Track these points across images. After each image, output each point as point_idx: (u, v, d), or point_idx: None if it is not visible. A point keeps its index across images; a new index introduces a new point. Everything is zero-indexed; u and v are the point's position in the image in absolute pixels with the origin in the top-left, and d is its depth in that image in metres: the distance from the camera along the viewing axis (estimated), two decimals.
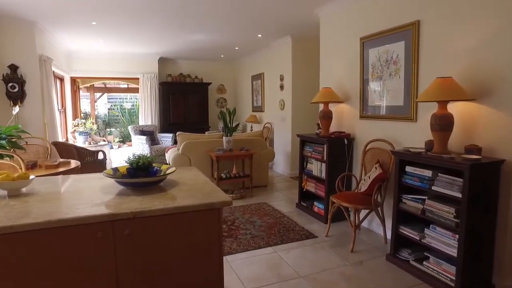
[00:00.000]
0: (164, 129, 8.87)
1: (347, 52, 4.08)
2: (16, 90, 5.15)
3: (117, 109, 14.17)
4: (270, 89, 7.69)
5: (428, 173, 2.58)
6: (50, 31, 5.76)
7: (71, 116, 7.91)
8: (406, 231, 2.84)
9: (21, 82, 5.20)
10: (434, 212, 2.55)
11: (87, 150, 5.49)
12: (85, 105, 13.54)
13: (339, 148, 3.94)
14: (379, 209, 3.31)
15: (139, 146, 7.81)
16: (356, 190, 3.61)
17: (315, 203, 4.23)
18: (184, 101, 8.99)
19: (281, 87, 6.78)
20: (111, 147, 11.85)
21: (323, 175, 4.01)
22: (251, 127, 8.57)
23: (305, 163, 4.46)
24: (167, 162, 5.50)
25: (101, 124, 13.41)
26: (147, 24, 5.53)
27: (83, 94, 13.31)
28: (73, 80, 8.10)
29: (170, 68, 9.14)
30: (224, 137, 5.16)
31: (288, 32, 6.03)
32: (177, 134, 5.47)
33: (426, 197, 2.63)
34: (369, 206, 3.20)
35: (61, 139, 7.16)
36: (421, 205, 2.67)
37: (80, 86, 9.55)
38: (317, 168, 4.15)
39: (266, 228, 3.84)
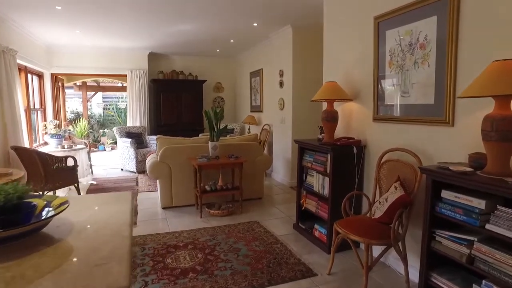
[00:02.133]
0: (154, 131, 8.10)
1: (358, 36, 3.24)
2: None
3: (113, 108, 13.49)
4: (269, 86, 6.87)
5: (479, 203, 1.73)
6: (12, 18, 5.01)
7: (52, 116, 7.18)
8: (443, 282, 1.99)
9: None
10: (491, 264, 1.70)
11: (52, 156, 4.72)
12: (77, 104, 12.89)
13: (347, 159, 3.09)
14: (399, 243, 2.46)
15: (124, 150, 7.05)
16: (368, 215, 2.77)
17: (316, 225, 3.39)
18: (176, 100, 8.22)
19: (281, 83, 5.95)
20: (104, 149, 11.19)
21: (326, 192, 3.17)
22: (249, 129, 7.75)
23: (304, 175, 3.62)
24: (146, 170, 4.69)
25: (96, 125, 12.76)
26: (118, 13, 4.77)
27: (75, 93, 12.68)
28: (54, 77, 7.37)
29: (162, 64, 8.37)
30: (209, 142, 4.35)
31: (287, 20, 5.20)
32: (156, 138, 4.67)
33: (476, 239, 1.78)
34: (387, 241, 2.35)
35: (37, 142, 6.44)
36: (467, 250, 1.82)
37: (65, 84, 8.85)
38: (318, 182, 3.31)
39: (252, 260, 3.01)
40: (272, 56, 6.34)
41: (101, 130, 12.26)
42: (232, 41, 6.86)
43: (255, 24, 5.46)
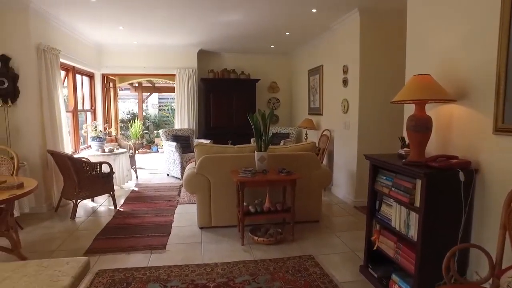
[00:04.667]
0: (202, 134, 7.59)
1: (465, 5, 2.21)
2: (5, 86, 4.18)
3: (168, 109, 13.45)
4: (330, 85, 5.92)
5: None
6: (55, 16, 4.74)
7: (101, 118, 7.01)
8: None
9: (12, 77, 4.22)
10: None
11: (86, 162, 4.33)
12: (133, 105, 13.05)
13: (447, 188, 2.10)
14: None
15: (169, 154, 6.60)
16: (488, 285, 1.76)
17: (395, 276, 2.42)
18: (227, 101, 7.62)
19: (344, 82, 4.98)
20: (157, 151, 11.06)
21: (412, 233, 2.20)
22: (306, 134, 6.85)
23: (378, 203, 2.67)
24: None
25: (151, 126, 12.80)
26: (156, 2, 4.22)
27: (131, 94, 12.84)
28: (105, 78, 7.20)
29: (212, 63, 7.84)
30: (256, 153, 3.57)
31: (354, 2, 4.24)
32: (194, 145, 4.02)
33: None
34: None
35: (85, 144, 6.24)
36: None
37: (120, 85, 8.77)
38: (400, 217, 2.35)
39: None
40: (334, 49, 5.38)
41: (155, 131, 12.22)
42: (287, 34, 6.03)
43: (314, 10, 4.57)
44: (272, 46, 7.19)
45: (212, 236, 3.66)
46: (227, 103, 7.60)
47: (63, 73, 5.45)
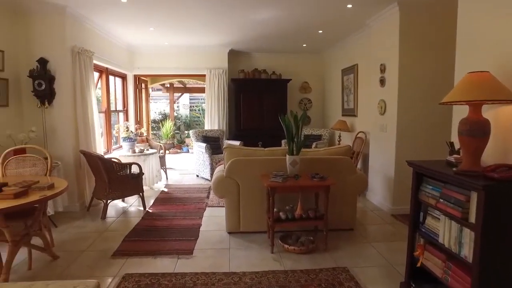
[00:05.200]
0: (233, 136, 7.50)
1: None
2: (43, 88, 4.27)
3: (198, 110, 13.55)
4: (366, 85, 5.63)
5: None
6: (89, 18, 4.81)
7: (133, 118, 7.11)
8: None
9: (49, 79, 4.31)
10: None
11: (116, 163, 4.34)
12: (164, 105, 13.25)
13: (510, 204, 1.82)
14: None
15: (199, 155, 6.56)
16: None
17: None
18: (258, 101, 7.49)
19: (382, 81, 4.68)
20: (187, 151, 11.13)
21: (466, 252, 1.93)
22: (339, 136, 6.57)
23: (422, 214, 2.41)
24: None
25: (182, 126, 12.94)
26: (189, 3, 4.15)
27: (163, 94, 13.04)
28: (137, 79, 7.30)
29: (243, 63, 7.74)
30: (287, 156, 3.39)
31: None
32: (223, 147, 3.91)
33: None
34: None
35: (117, 145, 6.34)
36: None
37: (152, 86, 8.89)
38: (450, 232, 2.09)
39: None
40: (371, 47, 5.09)
41: (186, 132, 12.34)
42: (320, 32, 5.80)
43: (349, 6, 4.33)
44: (304, 45, 6.98)
45: (241, 242, 3.52)
46: (258, 103, 7.47)
47: (96, 74, 5.55)
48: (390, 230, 3.88)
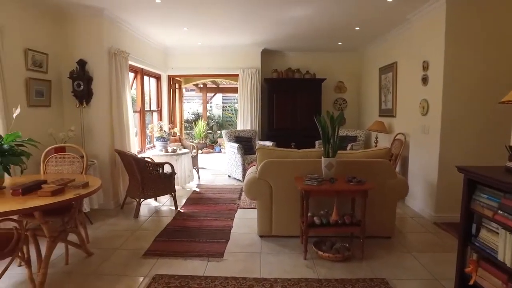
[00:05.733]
0: (265, 136, 7.41)
1: None
2: (81, 88, 4.40)
3: (231, 110, 13.59)
4: (406, 84, 5.33)
5: None
6: (124, 20, 4.89)
7: (167, 118, 7.21)
8: None
9: (87, 79, 4.43)
10: None
11: (149, 162, 4.38)
12: (197, 105, 13.40)
13: None
14: None
15: (231, 156, 6.52)
16: None
17: None
18: (291, 101, 7.35)
19: (424, 80, 4.39)
20: (219, 151, 11.18)
21: None
22: (376, 138, 6.28)
23: (475, 226, 2.18)
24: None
25: (215, 126, 13.04)
26: (222, 2, 4.10)
27: (196, 94, 13.19)
28: (171, 79, 7.39)
29: (276, 62, 7.62)
30: (323, 158, 3.24)
31: None
32: (256, 148, 3.81)
33: None
34: None
35: (151, 144, 6.44)
36: None
37: (185, 86, 9.00)
38: (510, 248, 1.86)
39: None
40: (412, 44, 4.79)
41: (218, 132, 12.41)
42: (357, 28, 5.56)
43: (389, 0, 4.08)
44: (340, 43, 6.74)
45: (273, 246, 3.41)
46: (291, 104, 7.33)
47: (132, 75, 5.65)
48: (433, 239, 3.60)
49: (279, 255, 3.23)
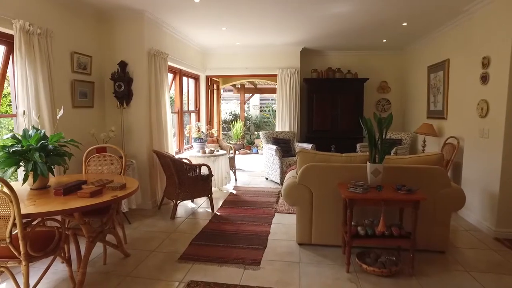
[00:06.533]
0: (304, 138, 7.19)
1: None
2: (122, 89, 4.46)
3: (268, 111, 13.47)
4: (460, 83, 4.88)
5: None
6: (164, 21, 4.92)
7: (205, 119, 7.22)
8: None
9: (128, 81, 4.49)
10: None
11: (186, 164, 4.34)
12: (235, 106, 13.40)
13: None
14: None
15: (269, 158, 6.37)
16: None
17: None
18: (332, 102, 7.08)
19: (484, 78, 3.96)
20: (256, 152, 11.08)
21: None
22: (424, 141, 5.85)
23: None
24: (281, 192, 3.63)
25: (252, 127, 12.98)
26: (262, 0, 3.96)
27: (234, 95, 13.19)
28: (209, 79, 7.39)
29: (316, 62, 7.38)
30: (368, 164, 2.99)
31: None
32: (296, 151, 3.63)
33: None
34: None
35: (189, 145, 6.47)
36: None
37: (223, 86, 9.00)
38: None
39: None
40: (469, 38, 4.37)
41: (256, 133, 12.32)
42: (405, 24, 5.20)
43: None
44: (384, 40, 6.37)
45: (312, 256, 3.21)
46: (331, 105, 7.05)
47: (170, 75, 5.69)
48: (496, 258, 3.21)
49: (319, 265, 3.03)
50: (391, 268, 2.85)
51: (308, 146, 6.32)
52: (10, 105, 3.63)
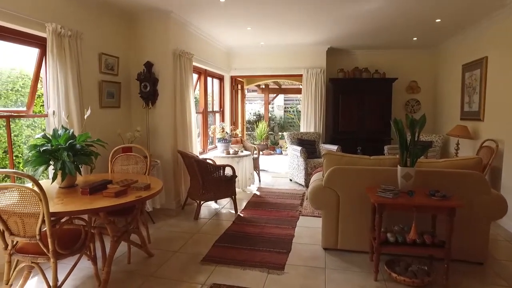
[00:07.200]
0: (330, 139, 7.03)
1: None
2: (148, 89, 4.51)
3: (293, 111, 13.33)
4: (499, 82, 4.60)
5: None
6: (190, 22, 4.93)
7: (229, 119, 7.21)
8: None
9: (153, 81, 4.53)
10: None
11: (210, 164, 4.32)
12: (259, 106, 13.35)
13: None
14: None
15: (293, 159, 6.27)
16: None
17: None
18: (358, 103, 6.88)
19: None
20: (280, 153, 10.98)
21: None
22: (457, 145, 5.56)
23: None
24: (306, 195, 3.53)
25: (276, 127, 12.89)
26: None
27: (258, 95, 13.15)
28: (233, 80, 7.38)
29: (342, 62, 7.20)
30: (399, 167, 2.85)
31: None
32: (323, 153, 3.52)
33: None
34: None
35: (213, 145, 6.47)
36: None
37: (247, 87, 8.97)
38: None
39: None
40: (510, 35, 4.09)
41: (280, 133, 12.22)
42: (438, 21, 4.95)
43: None
44: (415, 38, 6.11)
45: (338, 262, 3.10)
46: (358, 105, 6.85)
47: (195, 76, 5.70)
48: None
49: (345, 272, 2.91)
50: (423, 279, 2.69)
51: (334, 147, 6.17)
52: (43, 105, 3.74)
